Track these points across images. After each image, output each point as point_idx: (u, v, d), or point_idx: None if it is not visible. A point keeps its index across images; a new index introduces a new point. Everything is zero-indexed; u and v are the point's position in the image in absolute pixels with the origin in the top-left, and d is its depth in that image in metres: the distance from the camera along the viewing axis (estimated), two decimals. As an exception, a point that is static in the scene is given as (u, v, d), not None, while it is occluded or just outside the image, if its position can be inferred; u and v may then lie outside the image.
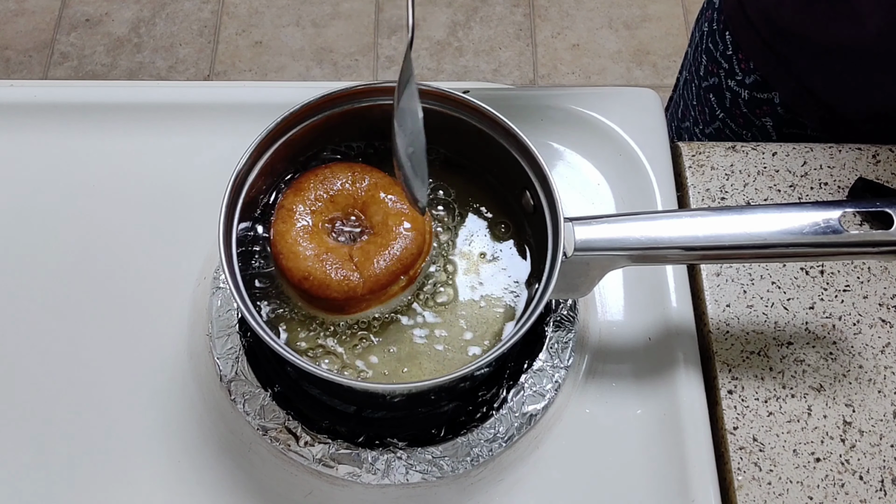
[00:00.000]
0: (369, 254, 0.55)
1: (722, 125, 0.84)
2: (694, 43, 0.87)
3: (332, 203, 0.58)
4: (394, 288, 0.56)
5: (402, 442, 0.57)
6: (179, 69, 1.93)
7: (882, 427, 0.58)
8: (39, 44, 1.95)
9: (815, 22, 0.70)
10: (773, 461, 0.57)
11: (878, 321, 0.62)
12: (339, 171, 0.58)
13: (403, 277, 0.56)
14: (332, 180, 0.58)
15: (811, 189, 0.67)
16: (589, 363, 0.61)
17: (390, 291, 0.56)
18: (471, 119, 0.58)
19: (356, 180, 0.58)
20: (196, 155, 0.69)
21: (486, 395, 0.58)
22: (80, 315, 0.62)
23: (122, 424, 0.59)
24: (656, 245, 0.53)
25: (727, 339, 0.61)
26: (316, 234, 0.56)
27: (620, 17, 2.00)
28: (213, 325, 0.60)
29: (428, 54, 1.94)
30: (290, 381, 0.59)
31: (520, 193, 0.59)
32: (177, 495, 0.57)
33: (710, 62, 0.83)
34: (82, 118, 0.70)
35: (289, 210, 0.57)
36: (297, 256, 0.55)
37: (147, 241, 0.65)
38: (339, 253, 0.56)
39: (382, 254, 0.55)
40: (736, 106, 0.81)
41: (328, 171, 0.58)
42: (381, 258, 0.55)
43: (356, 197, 0.58)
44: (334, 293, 0.54)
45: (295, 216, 0.56)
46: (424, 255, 0.57)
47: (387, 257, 0.55)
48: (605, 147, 0.69)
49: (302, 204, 0.57)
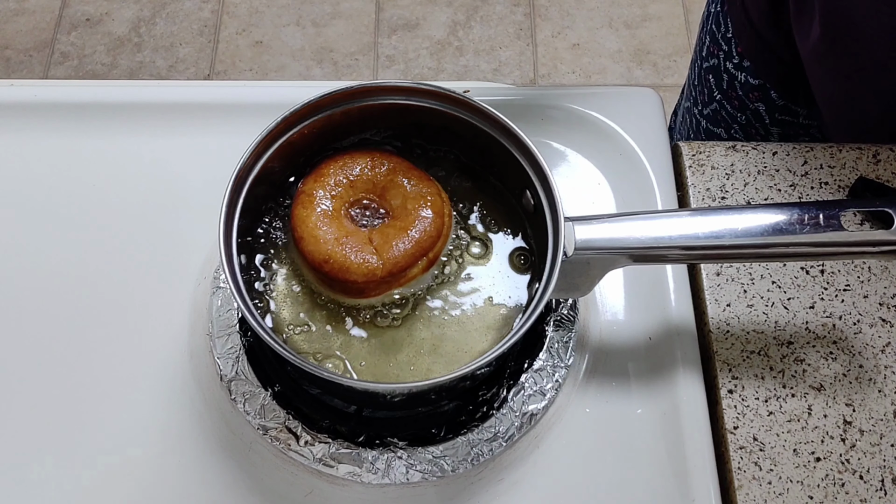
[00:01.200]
0: (389, 237, 0.56)
1: (719, 106, 0.84)
2: (701, 22, 0.87)
3: (352, 188, 0.58)
4: (413, 270, 0.56)
5: (402, 441, 0.57)
6: (180, 69, 1.93)
7: (882, 426, 0.58)
8: (40, 43, 1.95)
9: (785, 27, 0.71)
10: (774, 461, 0.57)
11: (878, 321, 0.62)
12: (358, 157, 0.59)
13: (423, 260, 0.56)
14: (352, 166, 0.58)
15: (811, 188, 0.67)
16: (589, 363, 0.61)
17: (410, 274, 0.56)
18: (471, 119, 0.58)
19: (375, 165, 0.59)
20: (196, 154, 0.69)
21: (486, 394, 0.58)
22: (80, 314, 0.62)
23: (122, 424, 0.59)
24: (657, 244, 0.53)
25: (727, 339, 0.61)
26: (336, 219, 0.57)
27: (621, 17, 2.00)
28: (214, 324, 0.60)
29: (428, 54, 1.94)
30: (290, 381, 0.59)
31: (520, 193, 0.59)
32: (177, 494, 0.57)
33: (711, 43, 0.83)
34: (82, 118, 0.70)
35: (309, 195, 0.57)
36: (317, 240, 0.55)
37: (147, 241, 0.65)
38: (359, 236, 0.56)
39: (402, 237, 0.56)
40: (732, 88, 0.81)
41: (348, 158, 0.59)
42: (400, 241, 0.55)
43: (375, 182, 0.58)
44: (354, 276, 0.55)
45: (315, 201, 0.57)
46: (444, 237, 0.58)
47: (406, 240, 0.55)
48: (605, 146, 0.69)
49: (322, 189, 0.57)
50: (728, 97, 0.82)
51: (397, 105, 0.59)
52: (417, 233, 0.56)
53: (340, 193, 0.58)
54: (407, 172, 0.58)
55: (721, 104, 0.84)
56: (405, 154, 0.61)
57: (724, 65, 0.81)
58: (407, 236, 0.56)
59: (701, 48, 0.86)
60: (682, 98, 0.96)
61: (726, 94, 0.82)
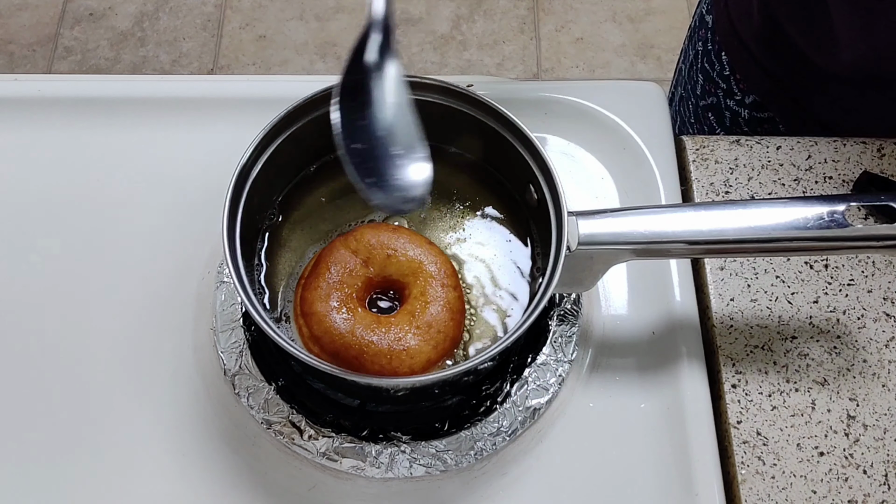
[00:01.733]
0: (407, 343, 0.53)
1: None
2: (688, 61, 0.86)
3: (361, 273, 0.55)
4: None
5: (405, 436, 0.57)
6: (183, 63, 1.93)
7: (886, 421, 0.58)
8: (43, 38, 1.96)
9: (798, 49, 0.70)
10: (777, 455, 0.57)
11: (882, 315, 0.62)
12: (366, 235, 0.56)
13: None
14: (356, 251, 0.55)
15: (815, 183, 0.67)
16: (592, 357, 0.61)
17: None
18: (474, 113, 0.58)
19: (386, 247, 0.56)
20: (200, 149, 0.69)
21: (489, 389, 0.58)
22: (85, 309, 0.62)
23: (126, 418, 0.59)
24: (660, 239, 0.53)
25: (731, 333, 0.61)
26: (352, 308, 0.54)
27: (624, 11, 2.00)
28: (217, 319, 0.61)
29: (431, 48, 1.94)
30: (294, 375, 0.59)
31: (524, 188, 0.59)
32: (181, 489, 0.57)
33: (706, 82, 0.82)
34: (86, 112, 0.70)
35: (317, 290, 0.54)
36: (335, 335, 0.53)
37: (150, 236, 0.65)
38: (379, 330, 0.53)
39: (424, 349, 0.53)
40: (736, 125, 0.80)
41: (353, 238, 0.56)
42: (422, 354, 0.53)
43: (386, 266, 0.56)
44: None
45: (325, 293, 0.54)
46: (460, 333, 0.55)
47: (431, 355, 0.53)
48: (608, 141, 0.69)
49: (326, 283, 0.54)
50: (732, 134, 0.81)
51: (401, 99, 0.59)
52: (438, 346, 0.53)
53: (349, 282, 0.54)
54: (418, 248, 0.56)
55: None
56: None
57: (724, 102, 0.80)
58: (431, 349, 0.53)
59: (694, 87, 0.84)
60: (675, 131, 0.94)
61: (730, 131, 0.81)
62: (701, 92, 0.83)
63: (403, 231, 0.57)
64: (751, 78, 0.76)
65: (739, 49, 0.76)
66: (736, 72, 0.77)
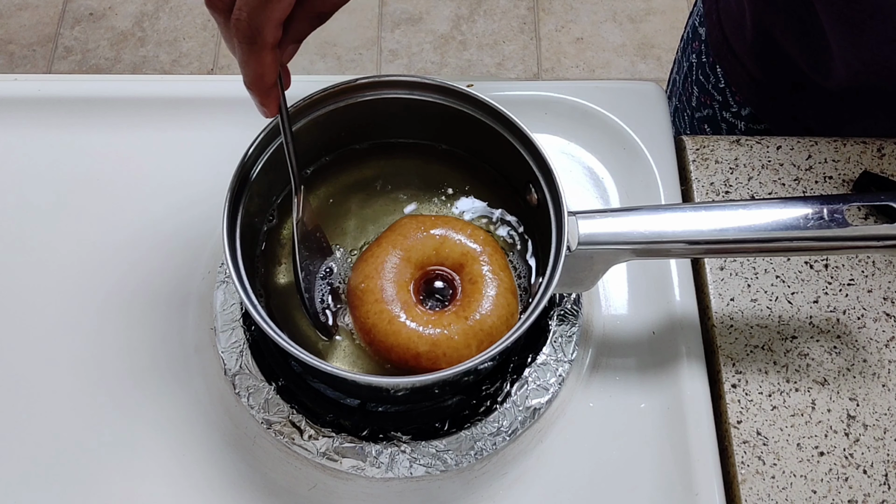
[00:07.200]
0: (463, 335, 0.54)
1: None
2: (682, 72, 0.86)
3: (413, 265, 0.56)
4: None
5: (405, 436, 0.57)
6: (183, 63, 1.93)
7: (886, 421, 0.58)
8: (43, 38, 1.96)
9: (793, 64, 0.71)
10: (777, 455, 0.57)
11: (882, 315, 0.62)
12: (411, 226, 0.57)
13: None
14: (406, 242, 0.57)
15: (815, 183, 0.67)
16: (593, 357, 0.61)
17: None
18: (474, 113, 0.58)
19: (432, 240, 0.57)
20: (200, 149, 0.69)
21: (489, 388, 0.58)
22: (84, 309, 0.62)
23: (126, 418, 0.59)
24: (660, 239, 0.53)
25: (731, 333, 0.61)
26: (407, 307, 0.55)
27: (624, 11, 2.00)
28: (218, 318, 0.61)
29: (432, 48, 1.94)
30: (294, 375, 0.59)
31: (524, 187, 0.59)
32: (181, 488, 0.57)
33: (702, 94, 0.82)
34: (86, 113, 0.70)
35: (371, 290, 0.55)
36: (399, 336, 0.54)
37: (150, 236, 0.65)
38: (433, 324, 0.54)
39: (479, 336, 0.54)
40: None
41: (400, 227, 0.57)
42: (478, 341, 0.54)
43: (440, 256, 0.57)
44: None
45: (384, 294, 0.55)
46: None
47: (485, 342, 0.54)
48: (609, 141, 0.69)
49: (382, 279, 0.55)
50: None
51: (400, 99, 0.59)
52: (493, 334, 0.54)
53: (402, 275, 0.56)
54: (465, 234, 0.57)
55: None
56: (407, 150, 0.61)
57: (720, 114, 0.80)
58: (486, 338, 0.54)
59: (689, 98, 0.84)
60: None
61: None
62: (696, 104, 0.84)
63: (448, 219, 0.58)
64: (745, 91, 0.76)
65: (734, 63, 0.76)
66: (731, 84, 0.78)
